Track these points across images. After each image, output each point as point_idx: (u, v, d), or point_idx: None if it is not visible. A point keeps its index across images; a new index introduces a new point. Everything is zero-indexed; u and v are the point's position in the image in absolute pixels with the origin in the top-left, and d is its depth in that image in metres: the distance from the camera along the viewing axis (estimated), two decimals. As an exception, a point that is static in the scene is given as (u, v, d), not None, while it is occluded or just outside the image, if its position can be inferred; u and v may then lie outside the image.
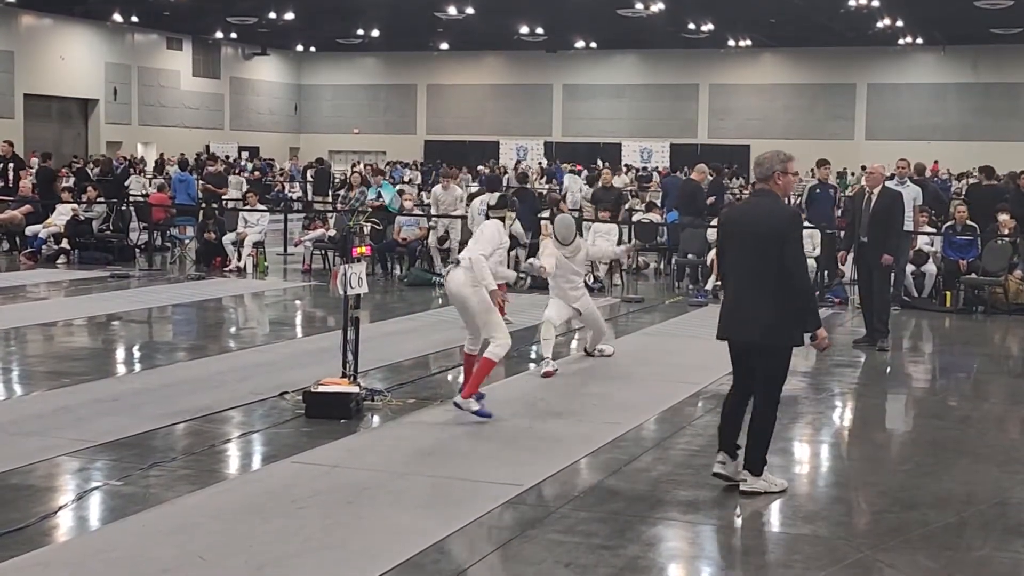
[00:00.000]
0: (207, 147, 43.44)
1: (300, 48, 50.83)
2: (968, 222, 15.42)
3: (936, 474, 7.28)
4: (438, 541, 5.82)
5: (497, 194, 9.46)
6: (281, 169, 36.79)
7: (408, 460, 7.33)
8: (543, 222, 16.19)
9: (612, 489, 6.76)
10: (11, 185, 20.25)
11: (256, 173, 31.32)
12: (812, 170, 18.03)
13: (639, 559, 5.67)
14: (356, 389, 8.55)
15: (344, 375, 8.78)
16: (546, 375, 9.99)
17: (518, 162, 44.01)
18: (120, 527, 5.96)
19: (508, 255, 11.65)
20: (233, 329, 13.34)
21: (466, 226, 15.59)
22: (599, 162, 35.91)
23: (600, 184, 17.21)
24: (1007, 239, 14.95)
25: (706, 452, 7.64)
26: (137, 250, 18.97)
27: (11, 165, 20.75)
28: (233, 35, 45.64)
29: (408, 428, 8.26)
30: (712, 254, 15.93)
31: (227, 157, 36.63)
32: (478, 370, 8.46)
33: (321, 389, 8.46)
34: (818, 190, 16.77)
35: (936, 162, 39.44)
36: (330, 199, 25.44)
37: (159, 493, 6.55)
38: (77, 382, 9.45)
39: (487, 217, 9.37)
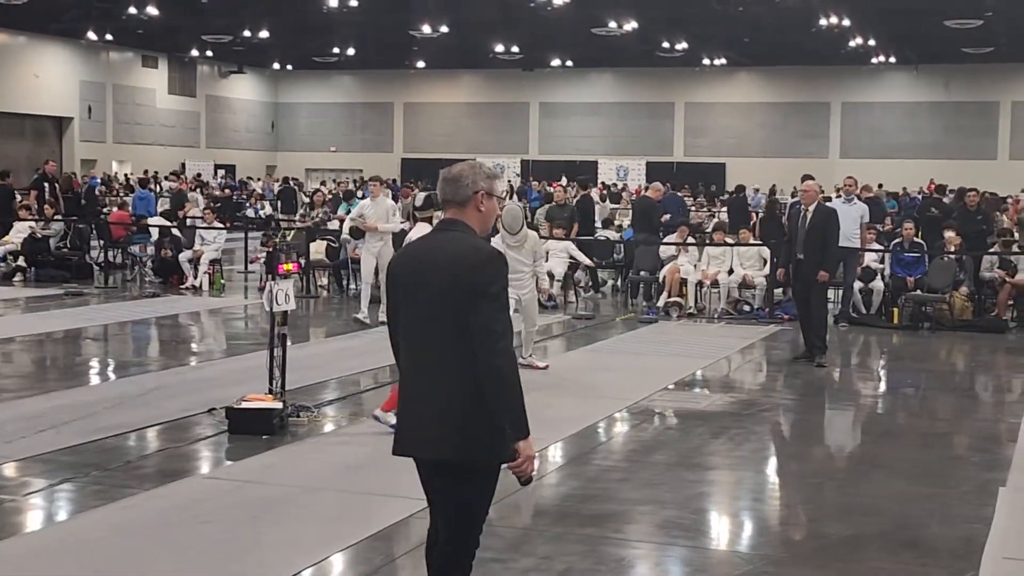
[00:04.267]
0: (182, 165, 43.43)
1: (276, 66, 50.86)
2: (916, 239, 15.54)
3: (844, 488, 7.35)
4: (332, 554, 5.88)
5: (423, 194, 9.45)
6: (252, 189, 36.77)
7: (323, 475, 7.37)
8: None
9: (516, 504, 6.79)
10: (56, 202, 19.86)
11: (227, 191, 31.31)
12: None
13: (531, 571, 5.72)
14: (280, 405, 8.59)
15: (270, 391, 8.83)
16: None
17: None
18: (16, 543, 5.98)
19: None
20: (176, 346, 13.32)
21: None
22: (563, 179, 36.03)
23: (553, 202, 17.26)
24: (953, 256, 15.07)
25: (620, 468, 7.73)
26: (96, 267, 18.95)
27: (56, 185, 20.33)
28: (209, 53, 45.66)
29: (331, 444, 8.32)
30: (664, 270, 16.05)
31: (198, 175, 36.61)
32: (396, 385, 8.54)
33: (244, 405, 8.50)
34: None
35: (932, 181, 39.62)
36: (296, 217, 25.42)
37: (65, 509, 6.58)
38: (6, 399, 9.47)
39: (414, 220, 9.34)
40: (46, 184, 20.15)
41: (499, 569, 5.70)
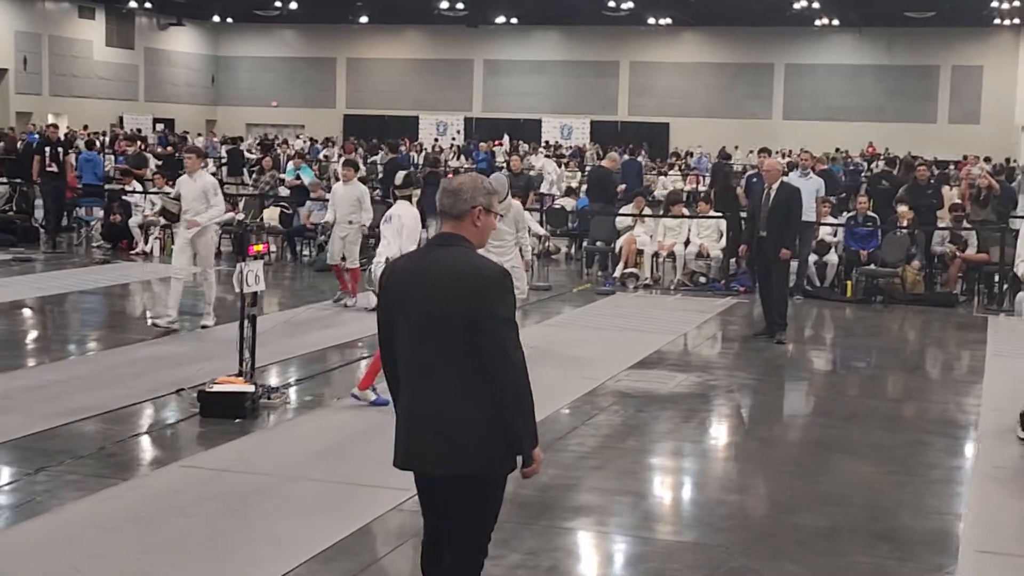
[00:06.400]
0: (120, 119, 42.65)
1: (216, 19, 50.03)
2: (869, 212, 15.74)
3: (815, 476, 7.47)
4: (320, 552, 5.87)
5: (402, 173, 9.69)
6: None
7: (300, 463, 7.35)
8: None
9: (498, 495, 6.82)
10: (59, 170, 18.71)
11: (169, 148, 30.69)
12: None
13: (519, 568, 5.76)
14: (251, 388, 8.54)
15: (240, 373, 8.76)
16: None
17: (436, 140, 43.87)
18: (-2, 539, 5.92)
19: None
20: (134, 318, 13.12)
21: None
22: (521, 143, 35.89)
23: (510, 169, 17.22)
24: (905, 230, 15.28)
25: (597, 454, 7.78)
26: (41, 231, 18.58)
27: (59, 149, 19.00)
28: (147, 4, 44.84)
29: (303, 428, 8.29)
30: (620, 241, 16.10)
31: (138, 131, 35.91)
32: (372, 362, 8.57)
33: (216, 389, 8.43)
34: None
35: (871, 144, 40.25)
36: (243, 181, 24.94)
37: (44, 501, 6.50)
38: (-33, 378, 9.31)
39: (394, 198, 9.53)
40: (47, 148, 18.73)
41: (489, 566, 5.70)
